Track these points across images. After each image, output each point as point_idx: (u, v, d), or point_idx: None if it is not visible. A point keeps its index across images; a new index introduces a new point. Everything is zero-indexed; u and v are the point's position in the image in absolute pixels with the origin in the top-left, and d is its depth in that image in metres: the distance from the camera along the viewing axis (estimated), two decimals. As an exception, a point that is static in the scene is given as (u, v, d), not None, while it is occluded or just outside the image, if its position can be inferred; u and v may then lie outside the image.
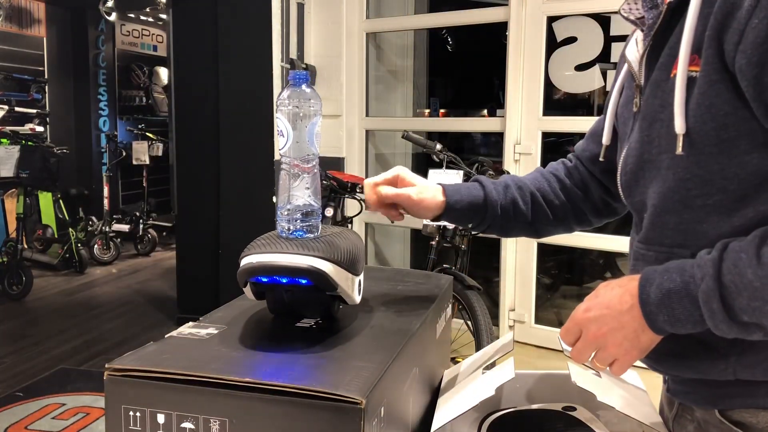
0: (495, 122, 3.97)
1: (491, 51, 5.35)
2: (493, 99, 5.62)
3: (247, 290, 0.85)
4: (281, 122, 0.84)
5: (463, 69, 6.95)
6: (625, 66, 0.92)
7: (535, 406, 1.01)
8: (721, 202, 0.76)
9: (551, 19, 3.59)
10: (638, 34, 0.88)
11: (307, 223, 0.86)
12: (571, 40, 3.55)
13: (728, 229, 0.76)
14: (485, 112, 6.21)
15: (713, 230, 0.77)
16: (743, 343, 0.75)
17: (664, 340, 0.79)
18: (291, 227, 0.86)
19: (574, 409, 0.96)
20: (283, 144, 0.85)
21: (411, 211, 1.04)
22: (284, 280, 0.81)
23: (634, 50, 0.89)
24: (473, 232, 1.10)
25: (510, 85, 3.69)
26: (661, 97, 0.80)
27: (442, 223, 3.06)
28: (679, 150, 0.77)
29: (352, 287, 0.85)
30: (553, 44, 3.60)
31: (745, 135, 0.73)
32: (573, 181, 1.10)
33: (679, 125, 0.76)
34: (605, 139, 0.98)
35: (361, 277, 0.90)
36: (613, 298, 0.79)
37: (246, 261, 0.81)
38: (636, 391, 0.99)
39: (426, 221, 3.08)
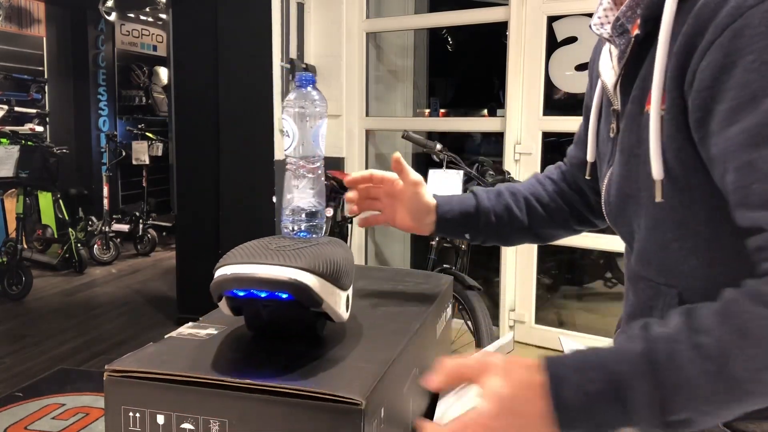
0: (495, 122, 3.97)
1: (491, 51, 5.35)
2: (493, 99, 5.62)
3: (222, 305, 0.77)
4: (287, 123, 0.84)
5: (463, 69, 6.95)
6: (600, 83, 0.90)
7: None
8: (697, 246, 0.74)
9: (551, 19, 3.59)
10: (611, 47, 0.86)
11: (312, 224, 0.85)
12: (571, 40, 3.55)
13: (710, 272, 0.74)
14: (485, 112, 6.21)
15: (696, 272, 0.76)
16: None
17: None
18: (295, 228, 0.85)
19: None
20: (288, 144, 0.85)
21: (402, 200, 1.02)
22: (263, 294, 0.73)
23: (608, 70, 0.86)
24: (473, 243, 1.08)
25: (510, 85, 3.69)
26: (636, 132, 0.78)
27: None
28: (659, 198, 0.74)
29: (339, 303, 0.77)
30: (553, 44, 3.60)
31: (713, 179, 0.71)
32: (568, 183, 1.09)
33: (656, 171, 0.73)
34: (590, 156, 0.96)
35: (350, 292, 0.82)
36: (520, 403, 0.65)
37: (220, 273, 0.73)
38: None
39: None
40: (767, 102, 0.62)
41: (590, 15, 0.88)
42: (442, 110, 6.06)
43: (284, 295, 0.72)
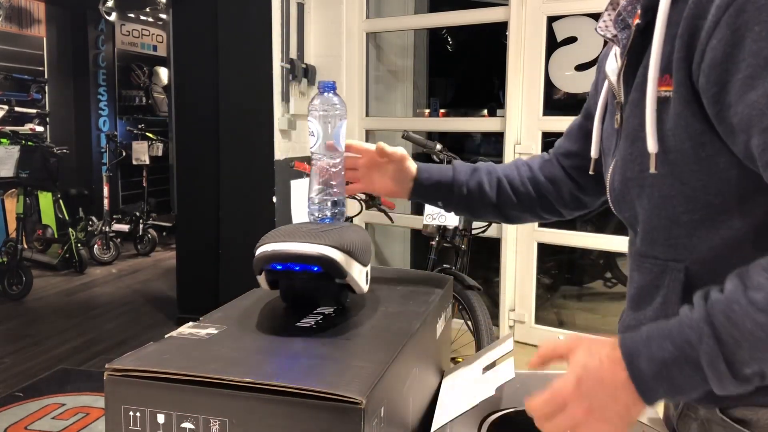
0: (495, 122, 3.97)
1: (491, 51, 5.36)
2: (493, 99, 5.62)
3: (262, 279, 0.89)
4: (312, 124, 1.00)
5: (463, 69, 6.95)
6: (606, 81, 0.94)
7: (535, 406, 1.00)
8: (707, 216, 0.77)
9: (551, 19, 3.59)
10: (616, 50, 0.90)
11: (334, 211, 1.01)
12: (571, 40, 3.55)
13: (718, 241, 0.77)
14: (485, 112, 6.21)
15: (703, 243, 0.78)
16: None
17: None
18: (320, 214, 1.00)
19: (574, 409, 0.96)
20: (313, 143, 1.00)
21: (386, 170, 1.13)
22: (297, 268, 0.86)
23: (613, 67, 0.90)
24: (446, 211, 1.19)
25: (510, 85, 3.69)
26: (639, 116, 0.81)
27: (443, 223, 3.06)
28: (653, 169, 0.78)
29: (360, 276, 0.89)
30: (553, 44, 3.60)
31: (723, 152, 0.74)
32: (544, 173, 1.15)
33: (652, 145, 0.78)
34: (593, 152, 1.00)
35: (368, 268, 0.93)
36: (605, 372, 0.72)
37: (262, 250, 0.85)
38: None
39: (426, 221, 3.08)
40: None
41: (590, 15, 0.91)
42: (442, 110, 6.06)
43: (315, 268, 0.84)
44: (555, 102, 3.89)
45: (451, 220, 3.04)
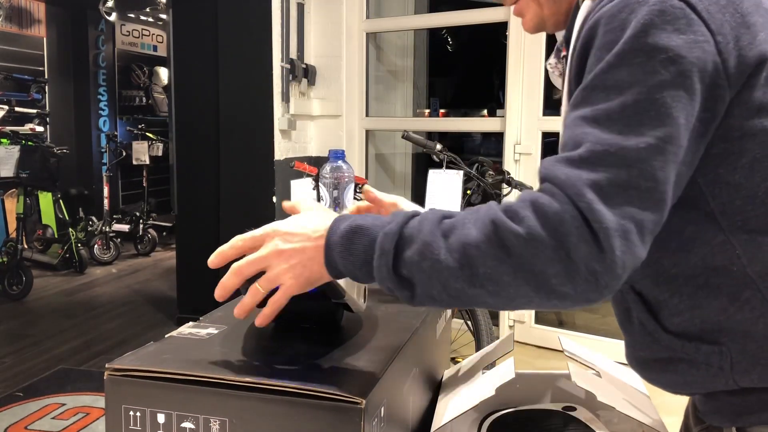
0: (495, 122, 3.97)
1: (491, 51, 5.36)
2: (493, 99, 5.63)
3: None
4: (322, 190, 1.15)
5: (463, 69, 6.96)
6: None
7: (535, 406, 1.01)
8: None
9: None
10: None
11: None
12: (571, 40, 3.54)
13: (654, 257, 0.76)
14: (485, 112, 6.21)
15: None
16: (731, 353, 0.75)
17: (665, 371, 0.80)
18: None
19: (574, 409, 0.96)
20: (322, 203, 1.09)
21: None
22: None
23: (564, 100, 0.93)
24: None
25: (510, 85, 3.69)
26: None
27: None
28: None
29: (359, 294, 0.85)
30: (553, 44, 3.60)
31: None
32: None
33: None
34: None
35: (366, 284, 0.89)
36: (310, 223, 0.76)
37: None
38: (637, 393, 0.99)
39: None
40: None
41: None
42: (442, 110, 6.07)
43: (310, 289, 0.78)
44: (555, 102, 3.88)
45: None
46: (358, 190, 3.08)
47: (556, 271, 0.63)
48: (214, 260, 0.81)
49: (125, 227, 6.46)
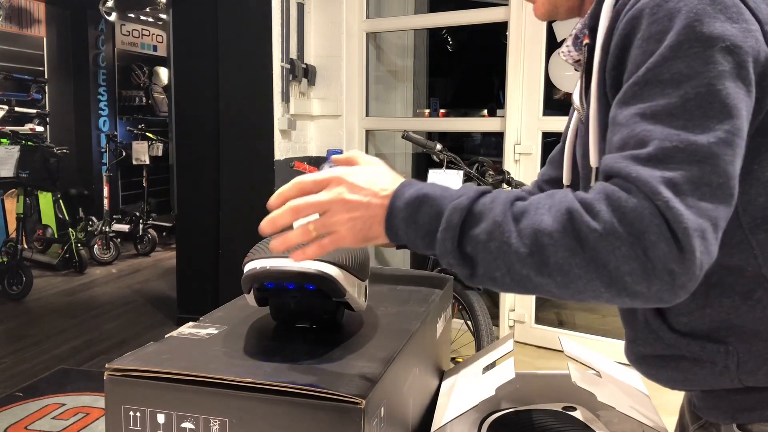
0: (495, 122, 3.97)
1: (491, 51, 5.36)
2: (493, 99, 5.63)
3: (250, 297, 0.84)
4: None
5: (463, 69, 6.96)
6: (575, 111, 0.94)
7: (535, 406, 1.01)
8: None
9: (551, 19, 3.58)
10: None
11: None
12: (571, 40, 3.54)
13: None
14: (485, 112, 6.21)
15: None
16: (738, 353, 0.75)
17: (665, 367, 0.80)
18: None
19: (574, 409, 0.96)
20: None
21: None
22: (291, 286, 0.80)
23: (577, 89, 0.91)
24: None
25: (510, 85, 3.69)
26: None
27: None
28: (593, 182, 0.78)
29: (359, 293, 0.84)
30: (553, 44, 3.60)
31: None
32: None
33: (593, 159, 0.79)
34: (565, 179, 0.98)
35: (367, 282, 0.89)
36: (379, 179, 0.73)
37: (250, 266, 0.79)
38: (637, 393, 0.99)
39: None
40: None
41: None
42: (442, 110, 6.07)
43: (311, 287, 0.78)
44: (555, 102, 3.88)
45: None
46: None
47: (631, 268, 0.61)
48: (274, 201, 0.74)
49: (125, 227, 6.46)
